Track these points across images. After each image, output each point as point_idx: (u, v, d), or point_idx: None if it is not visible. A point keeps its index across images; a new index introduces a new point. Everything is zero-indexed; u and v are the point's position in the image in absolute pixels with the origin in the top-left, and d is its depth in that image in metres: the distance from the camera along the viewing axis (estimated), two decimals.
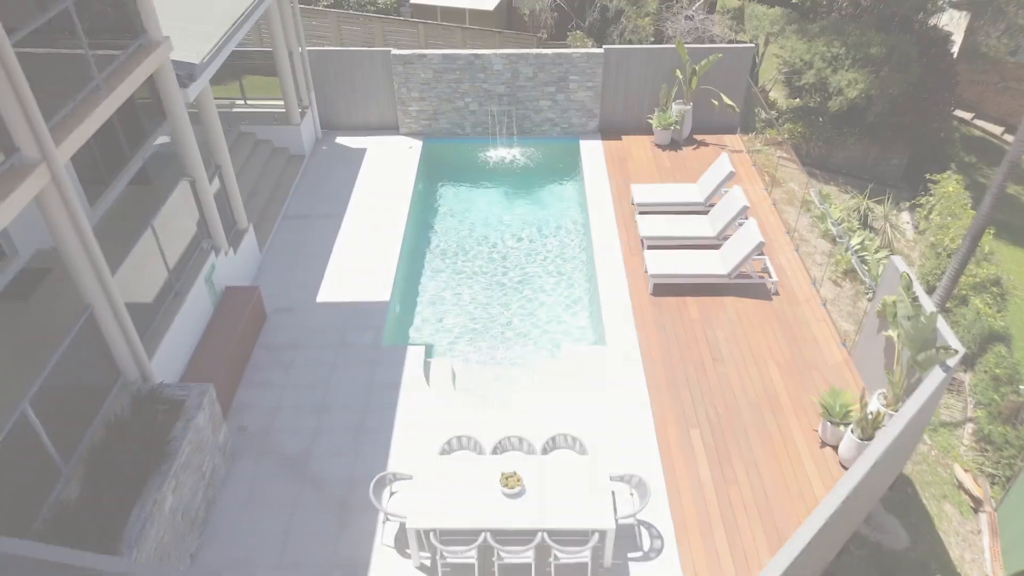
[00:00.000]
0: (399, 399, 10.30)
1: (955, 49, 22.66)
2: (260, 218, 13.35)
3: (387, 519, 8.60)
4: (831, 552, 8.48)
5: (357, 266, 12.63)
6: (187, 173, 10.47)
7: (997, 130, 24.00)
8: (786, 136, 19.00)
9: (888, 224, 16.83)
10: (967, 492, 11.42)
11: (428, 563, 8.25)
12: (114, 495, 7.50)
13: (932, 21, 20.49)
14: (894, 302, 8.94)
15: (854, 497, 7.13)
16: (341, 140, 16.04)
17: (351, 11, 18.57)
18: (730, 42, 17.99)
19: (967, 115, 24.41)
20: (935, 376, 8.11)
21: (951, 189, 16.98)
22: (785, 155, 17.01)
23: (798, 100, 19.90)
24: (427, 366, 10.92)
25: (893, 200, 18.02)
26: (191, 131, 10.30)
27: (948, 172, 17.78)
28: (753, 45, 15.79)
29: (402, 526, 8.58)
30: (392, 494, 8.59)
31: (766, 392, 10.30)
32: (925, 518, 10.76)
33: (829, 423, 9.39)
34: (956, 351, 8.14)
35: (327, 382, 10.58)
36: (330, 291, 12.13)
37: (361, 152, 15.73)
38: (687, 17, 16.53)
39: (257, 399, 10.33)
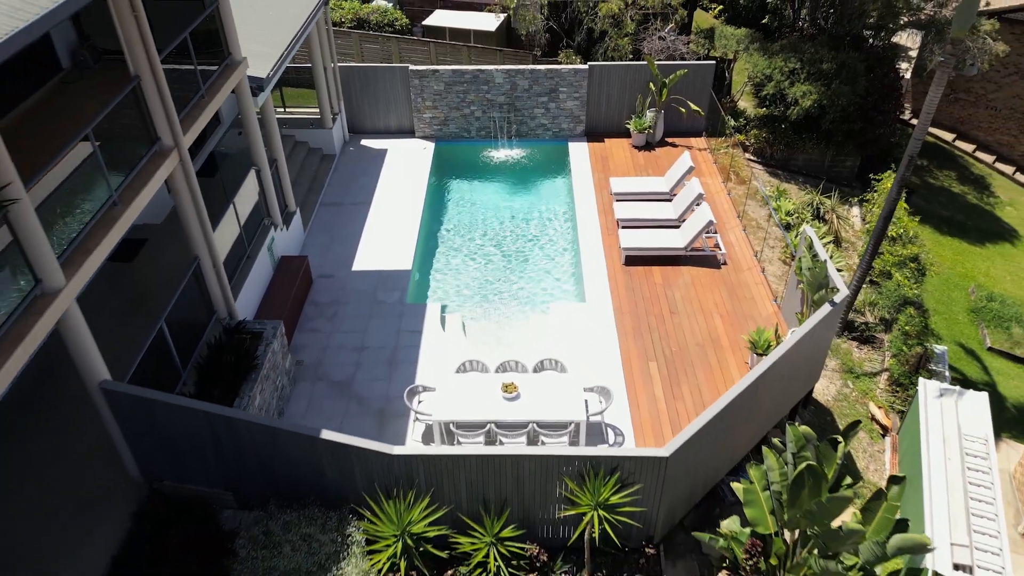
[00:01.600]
0: (421, 341, 13.32)
1: (913, 64, 25.84)
2: (302, 204, 16.39)
3: (416, 419, 11.59)
4: (745, 442, 11.37)
5: (383, 243, 15.68)
6: (254, 163, 13.53)
7: (949, 136, 27.08)
8: (752, 140, 22.11)
9: (835, 216, 19.86)
10: (878, 423, 14.39)
11: None
12: (219, 393, 10.49)
13: (895, 38, 23.44)
14: (800, 259, 11.99)
15: (751, 391, 10.08)
16: (365, 142, 19.17)
17: (371, 31, 21.63)
18: (699, 58, 21.09)
19: None
20: (824, 309, 11.15)
21: (889, 186, 20.00)
22: (750, 156, 20.04)
23: (764, 109, 22.97)
24: (443, 319, 13.94)
25: (845, 196, 21.07)
26: (259, 130, 13.37)
27: (888, 172, 20.80)
28: (713, 62, 18.90)
29: (428, 427, 11.56)
30: (420, 402, 11.59)
31: (710, 336, 13.33)
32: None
33: (755, 354, 12.40)
34: (838, 289, 11.18)
35: (364, 329, 13.60)
36: (362, 262, 15.18)
37: (383, 152, 18.84)
38: (660, 38, 19.60)
39: (309, 341, 13.34)
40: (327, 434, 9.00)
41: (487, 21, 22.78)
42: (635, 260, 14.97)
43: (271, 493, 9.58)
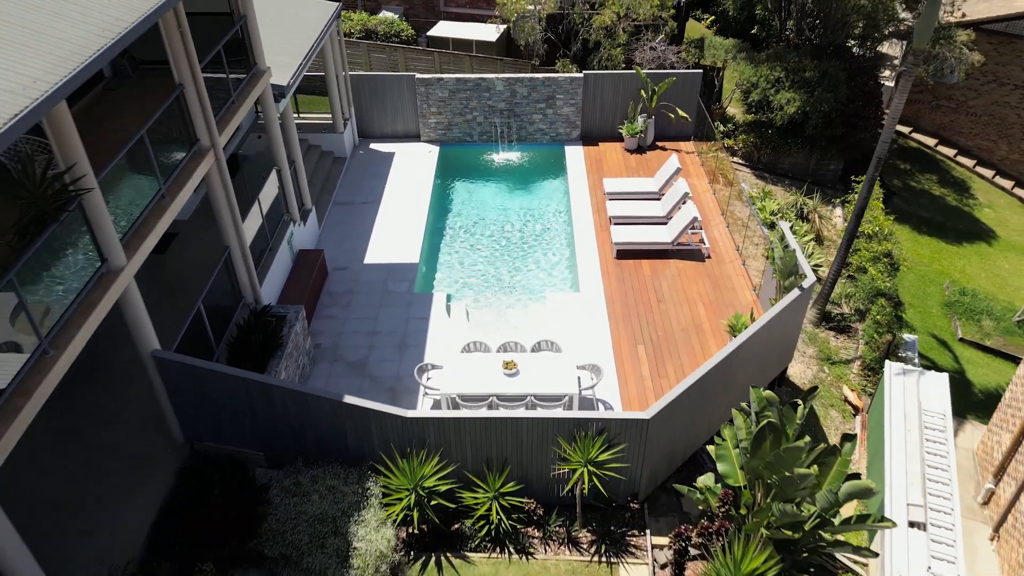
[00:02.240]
0: (428, 327, 14.64)
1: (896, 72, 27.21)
2: (316, 203, 17.74)
3: (426, 393, 12.91)
4: (722, 414, 12.64)
5: (392, 238, 17.03)
6: (275, 163, 14.88)
7: (931, 142, 28.45)
8: (741, 145, 23.48)
9: (818, 215, 21.23)
10: (850, 404, 15.70)
11: None
12: (248, 369, 11.80)
13: (880, 48, 24.78)
14: (773, 249, 13.33)
15: (725, 364, 11.39)
16: (374, 146, 20.56)
17: (379, 42, 23.06)
18: (689, 67, 22.50)
19: (906, 129, 28.90)
20: (793, 293, 12.48)
21: None
22: (739, 160, 21.39)
23: (751, 115, 24.35)
24: (448, 307, 15.27)
25: (828, 198, 22.44)
26: (280, 133, 14.72)
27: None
28: (700, 71, 20.31)
29: (436, 401, 12.86)
30: (429, 378, 12.91)
31: (694, 322, 14.66)
32: (813, 417, 15.01)
33: (733, 338, 13.71)
34: (806, 275, 12.53)
35: (376, 316, 14.93)
36: (373, 255, 16.52)
37: (390, 155, 20.22)
38: (651, 48, 21.01)
39: (326, 327, 14.67)
40: (349, 399, 10.33)
41: (488, 32, 24.20)
42: (626, 254, 16.31)
43: (298, 453, 10.90)
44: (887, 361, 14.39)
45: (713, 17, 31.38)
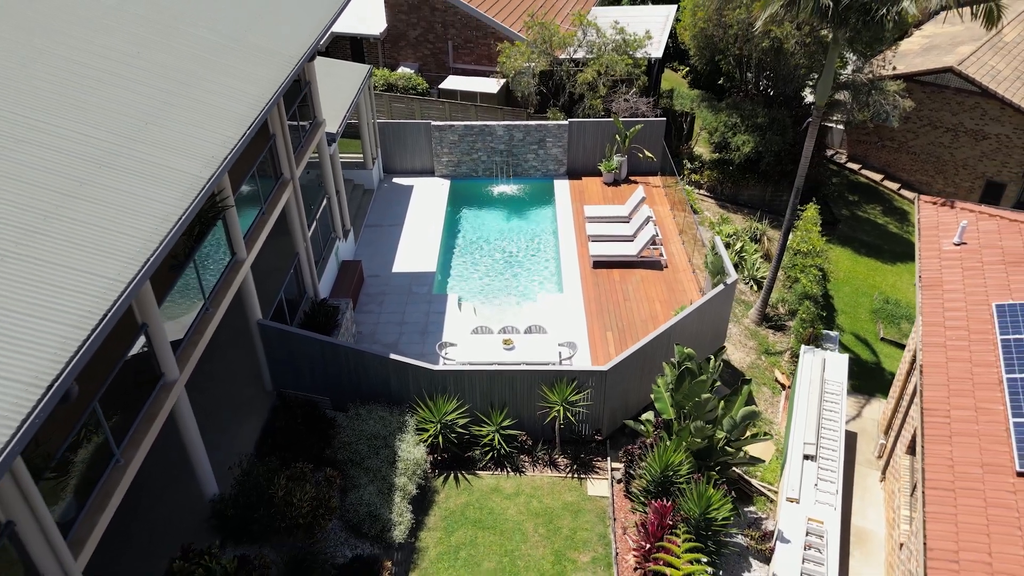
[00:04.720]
0: (444, 319, 19.28)
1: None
2: (352, 225, 22.50)
3: (444, 363, 17.49)
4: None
5: (414, 253, 21.77)
6: (326, 191, 19.68)
7: (877, 177, 33.35)
8: (706, 179, 28.35)
9: (766, 238, 26.00)
10: (780, 383, 20.26)
11: None
12: None
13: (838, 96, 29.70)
14: (707, 255, 18.05)
15: (665, 336, 16.01)
16: (397, 180, 25.46)
17: (398, 93, 28.11)
18: (658, 115, 27.48)
19: (855, 166, 33.84)
20: (718, 288, 17.15)
21: (809, 214, 26.15)
22: (705, 192, 26.17)
23: (716, 154, 29.24)
24: (459, 305, 19.92)
25: (780, 223, 27.23)
26: (330, 169, 19.54)
27: (810, 203, 26.94)
28: (664, 118, 25.31)
29: None
30: (446, 352, 17.51)
31: (651, 315, 19.32)
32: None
33: None
34: (730, 275, 17.22)
35: (403, 311, 19.59)
36: (399, 266, 21.25)
37: (410, 188, 25.09)
38: (625, 99, 26.01)
39: (365, 319, 19.32)
40: (394, 356, 14.94)
41: (490, 85, 29.24)
42: (600, 264, 21.04)
43: (355, 396, 15.47)
44: (803, 345, 18.99)
45: (688, 69, 36.61)
